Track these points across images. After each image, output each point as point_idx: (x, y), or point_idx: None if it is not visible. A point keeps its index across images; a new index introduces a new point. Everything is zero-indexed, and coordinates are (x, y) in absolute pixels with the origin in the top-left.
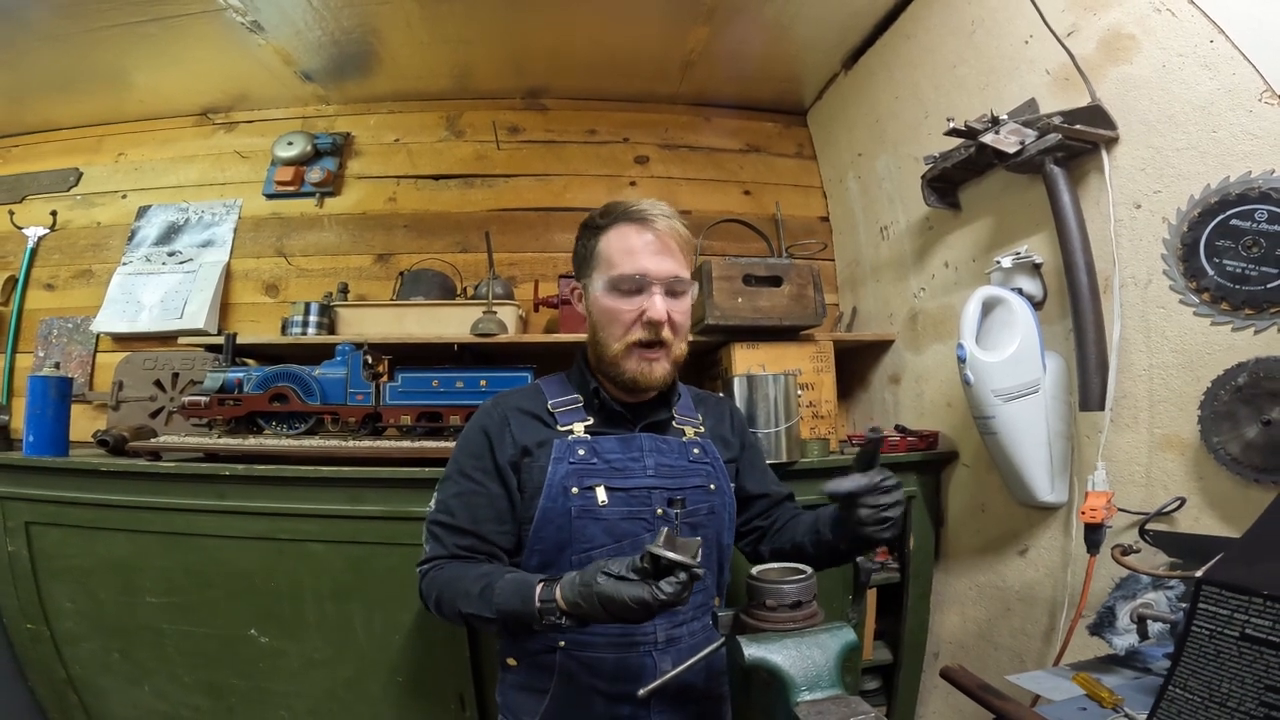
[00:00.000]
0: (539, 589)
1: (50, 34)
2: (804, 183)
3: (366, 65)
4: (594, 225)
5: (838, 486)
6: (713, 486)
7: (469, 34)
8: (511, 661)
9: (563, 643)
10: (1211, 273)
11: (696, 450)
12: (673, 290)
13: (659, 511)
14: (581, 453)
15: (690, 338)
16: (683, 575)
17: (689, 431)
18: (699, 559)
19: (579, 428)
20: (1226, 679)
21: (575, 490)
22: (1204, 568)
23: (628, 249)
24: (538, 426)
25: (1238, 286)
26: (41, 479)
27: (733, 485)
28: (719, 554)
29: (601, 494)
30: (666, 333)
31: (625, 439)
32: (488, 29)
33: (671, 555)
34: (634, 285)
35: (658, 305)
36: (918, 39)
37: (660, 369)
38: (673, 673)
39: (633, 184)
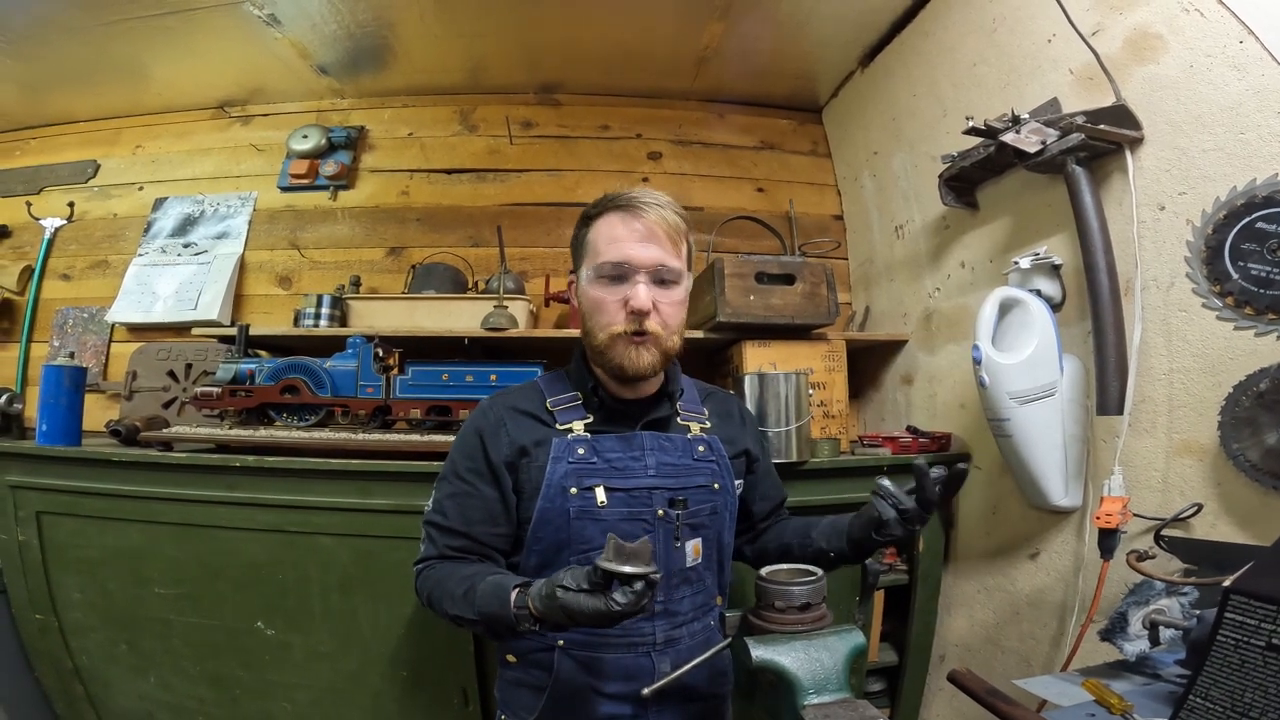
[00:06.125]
0: (514, 595)
1: (69, 27)
2: (818, 180)
3: (381, 59)
4: (586, 216)
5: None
6: (716, 486)
7: (483, 28)
8: (511, 658)
9: (561, 641)
10: (1236, 276)
11: (702, 448)
12: (660, 279)
13: (660, 512)
14: (581, 452)
15: (701, 335)
16: (638, 585)
17: (695, 428)
18: (653, 563)
19: (579, 426)
20: (1250, 689)
21: (574, 490)
22: (1233, 577)
23: (613, 237)
24: (535, 425)
25: (1262, 291)
26: (53, 468)
27: (739, 483)
28: (719, 553)
29: (601, 494)
30: (653, 324)
31: (626, 438)
32: (501, 23)
33: (619, 569)
34: (618, 273)
35: (641, 294)
36: (937, 37)
37: (647, 355)
38: (677, 673)
39: (645, 180)
